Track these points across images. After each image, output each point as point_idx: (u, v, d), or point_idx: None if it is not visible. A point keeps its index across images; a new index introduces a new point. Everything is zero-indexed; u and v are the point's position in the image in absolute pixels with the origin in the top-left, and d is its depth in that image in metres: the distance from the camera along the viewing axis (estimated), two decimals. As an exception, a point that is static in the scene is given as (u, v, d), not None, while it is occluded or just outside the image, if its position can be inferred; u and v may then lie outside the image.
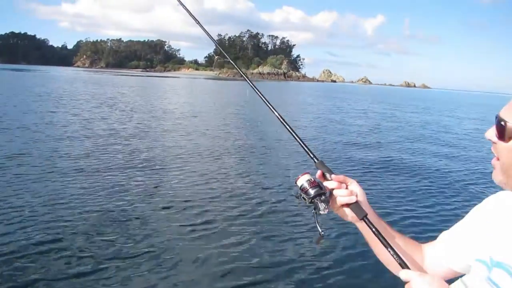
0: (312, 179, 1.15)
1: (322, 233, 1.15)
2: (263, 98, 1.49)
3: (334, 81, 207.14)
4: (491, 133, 0.95)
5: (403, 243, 1.18)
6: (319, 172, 1.18)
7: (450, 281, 1.04)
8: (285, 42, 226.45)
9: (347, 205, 1.12)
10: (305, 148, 1.27)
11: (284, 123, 1.36)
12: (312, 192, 1.12)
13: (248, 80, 1.63)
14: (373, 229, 1.07)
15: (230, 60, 1.97)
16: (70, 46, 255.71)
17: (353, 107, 34.05)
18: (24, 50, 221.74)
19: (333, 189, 1.14)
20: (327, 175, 1.16)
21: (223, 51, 2.02)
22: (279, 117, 1.40)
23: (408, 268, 0.99)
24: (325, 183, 1.15)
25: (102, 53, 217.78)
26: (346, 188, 1.14)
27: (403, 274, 0.98)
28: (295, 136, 1.31)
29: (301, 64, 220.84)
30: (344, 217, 1.16)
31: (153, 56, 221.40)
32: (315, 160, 1.23)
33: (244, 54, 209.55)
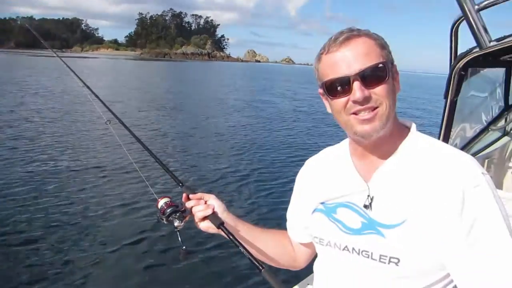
0: (169, 201, 1.26)
1: (184, 247, 1.25)
2: (134, 136, 1.69)
3: (259, 61, 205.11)
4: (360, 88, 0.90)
5: (272, 238, 1.32)
6: (184, 195, 1.28)
7: None
8: (209, 22, 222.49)
9: (206, 217, 1.21)
10: (171, 174, 1.42)
11: (149, 151, 1.55)
12: (168, 211, 1.23)
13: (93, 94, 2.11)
14: (230, 236, 1.15)
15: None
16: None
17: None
18: None
19: (192, 206, 1.23)
20: (191, 196, 1.27)
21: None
22: (143, 144, 1.58)
23: (261, 266, 1.02)
24: (186, 204, 1.25)
25: (11, 32, 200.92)
26: (205, 203, 1.24)
27: None
28: (161, 164, 1.47)
29: (226, 44, 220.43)
30: (207, 230, 1.24)
31: (69, 35, 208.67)
32: (180, 185, 1.34)
33: (167, 34, 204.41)
